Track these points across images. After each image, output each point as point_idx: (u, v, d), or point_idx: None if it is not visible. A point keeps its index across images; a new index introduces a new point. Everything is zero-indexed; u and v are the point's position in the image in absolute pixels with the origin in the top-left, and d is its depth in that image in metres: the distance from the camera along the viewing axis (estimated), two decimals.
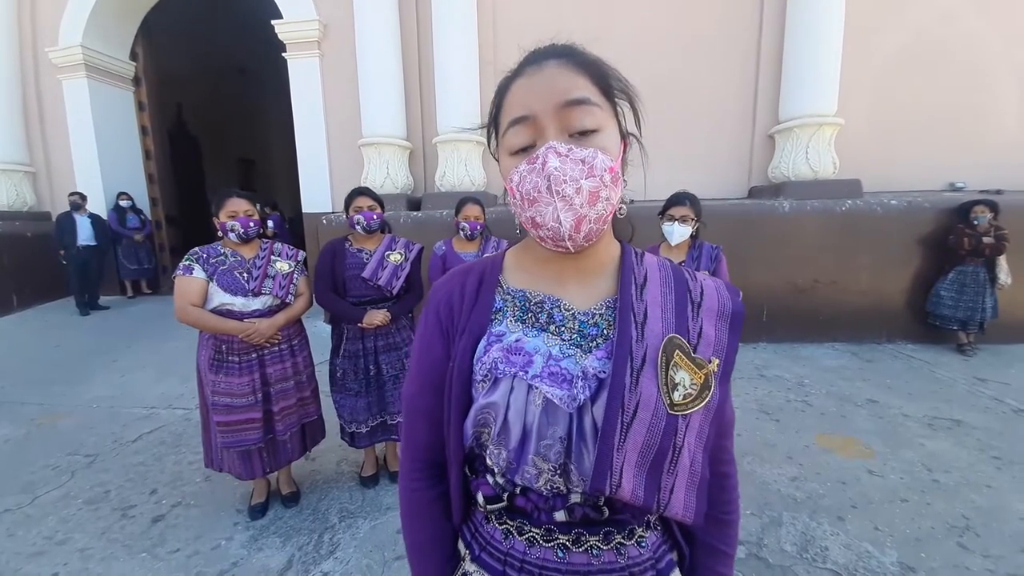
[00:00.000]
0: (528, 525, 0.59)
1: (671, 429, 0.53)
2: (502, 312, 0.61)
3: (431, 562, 0.66)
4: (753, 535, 1.90)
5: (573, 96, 0.52)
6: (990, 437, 2.64)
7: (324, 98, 5.55)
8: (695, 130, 4.99)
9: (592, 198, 0.52)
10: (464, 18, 4.89)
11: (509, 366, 0.56)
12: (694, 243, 2.25)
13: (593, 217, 0.53)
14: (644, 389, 0.53)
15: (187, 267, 1.89)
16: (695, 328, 0.58)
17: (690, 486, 0.56)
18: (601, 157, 0.52)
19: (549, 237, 0.54)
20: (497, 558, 0.61)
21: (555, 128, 0.53)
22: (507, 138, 0.56)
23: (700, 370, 0.56)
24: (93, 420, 3.09)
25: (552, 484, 0.56)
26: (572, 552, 0.58)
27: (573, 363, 0.56)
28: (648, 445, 0.53)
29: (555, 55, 0.55)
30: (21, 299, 6.04)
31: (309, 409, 2.18)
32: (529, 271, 0.64)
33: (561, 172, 0.50)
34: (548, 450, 0.55)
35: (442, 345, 0.62)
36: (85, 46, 6.03)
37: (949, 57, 4.75)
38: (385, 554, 1.85)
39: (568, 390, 0.54)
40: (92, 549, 1.91)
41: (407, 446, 0.67)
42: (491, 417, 0.57)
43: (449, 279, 0.66)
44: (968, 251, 3.91)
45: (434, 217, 4.57)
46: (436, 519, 0.66)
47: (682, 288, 0.61)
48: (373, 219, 2.18)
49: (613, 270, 0.62)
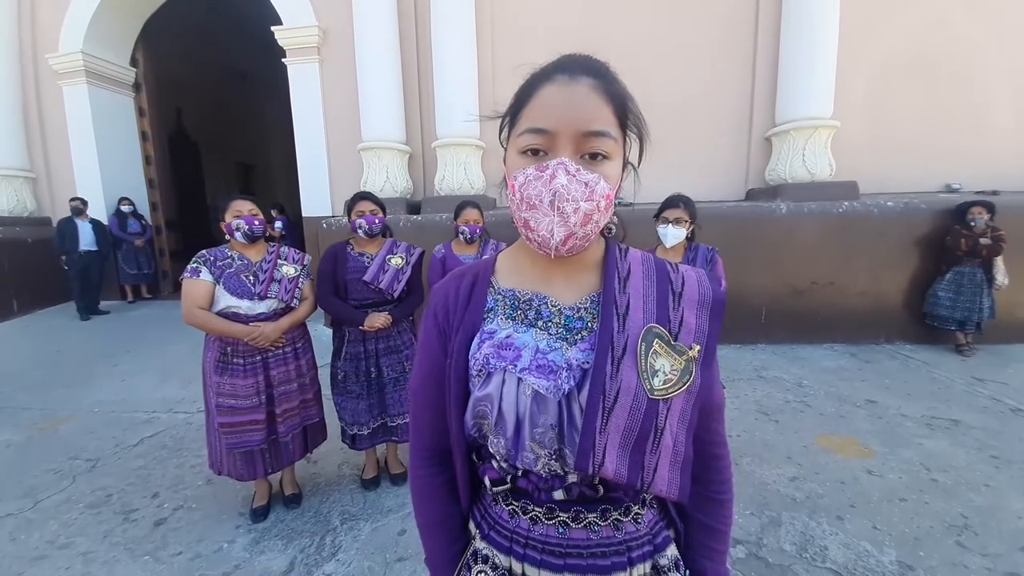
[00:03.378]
0: (531, 505, 0.64)
1: (652, 413, 0.57)
2: (494, 311, 0.66)
3: (439, 538, 0.71)
4: (752, 535, 1.92)
5: (594, 128, 0.55)
6: (988, 437, 2.65)
7: (324, 103, 5.58)
8: (692, 133, 5.02)
9: (585, 219, 0.56)
10: (463, 24, 4.92)
11: (500, 361, 0.60)
12: (690, 245, 2.26)
13: (580, 235, 0.57)
14: (624, 376, 0.57)
15: (194, 269, 1.90)
16: (676, 317, 0.61)
17: (673, 465, 0.59)
18: (603, 184, 0.56)
19: (537, 242, 0.58)
20: (504, 535, 0.65)
21: (571, 148, 0.56)
22: (521, 138, 0.58)
23: (680, 356, 0.59)
24: (94, 424, 3.10)
25: (549, 467, 0.61)
26: (572, 528, 0.62)
27: (559, 355, 0.60)
28: (630, 428, 0.57)
29: (591, 73, 0.57)
30: (22, 304, 6.04)
31: (311, 411, 2.19)
32: (519, 271, 0.68)
33: (566, 190, 0.54)
34: (542, 436, 0.59)
35: (439, 343, 0.66)
36: (85, 52, 6.07)
37: (944, 59, 4.79)
38: (387, 556, 1.86)
39: (554, 380, 0.58)
40: (94, 553, 1.92)
41: (415, 437, 0.72)
42: (487, 409, 0.61)
43: (447, 282, 0.70)
44: (965, 252, 3.93)
45: (433, 221, 4.58)
46: (443, 501, 0.71)
47: (664, 280, 0.64)
48: (375, 223, 2.20)
49: (598, 266, 0.66)
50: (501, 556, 0.65)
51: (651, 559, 0.64)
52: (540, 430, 0.59)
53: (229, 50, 9.67)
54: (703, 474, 0.66)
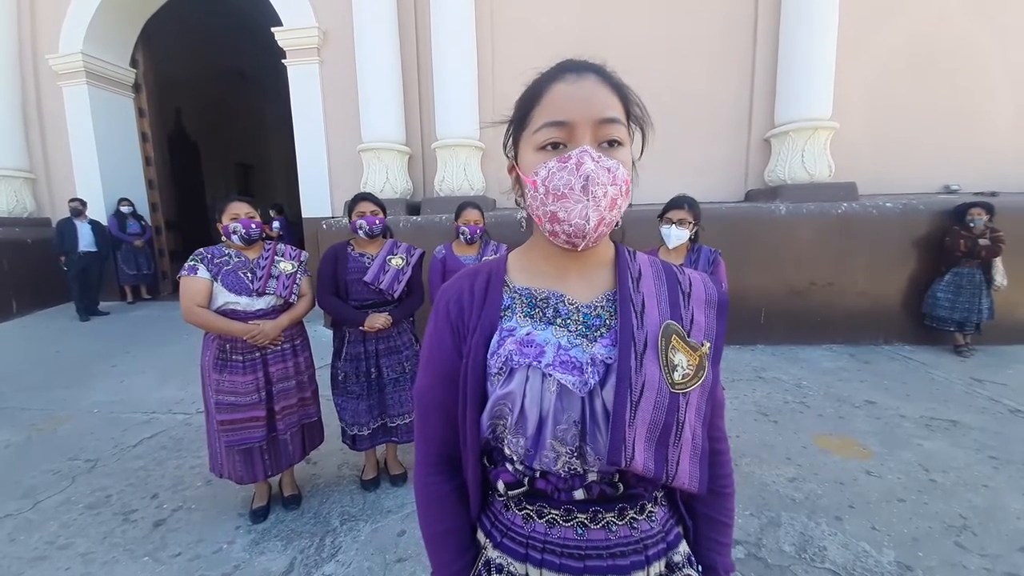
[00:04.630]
0: (547, 507, 0.63)
1: (674, 406, 0.59)
2: (511, 309, 0.65)
3: (448, 551, 0.68)
4: (752, 535, 1.92)
5: (609, 115, 0.58)
6: (987, 437, 2.65)
7: (324, 104, 5.59)
8: (692, 134, 5.03)
9: (612, 204, 0.57)
10: (462, 24, 4.93)
11: (523, 357, 0.60)
12: (692, 247, 2.26)
13: (608, 220, 0.58)
14: (648, 371, 0.58)
15: (192, 267, 1.90)
16: (687, 315, 0.64)
17: (693, 458, 0.61)
18: (622, 169, 0.58)
19: (568, 233, 0.58)
20: (519, 542, 0.64)
21: (590, 137, 0.58)
22: (538, 134, 0.59)
23: (695, 352, 0.61)
24: (93, 425, 3.09)
25: (570, 466, 0.60)
26: (590, 529, 0.62)
27: (581, 352, 0.60)
28: (655, 421, 0.58)
29: (593, 70, 0.60)
30: (21, 305, 6.04)
31: (309, 410, 2.19)
32: (532, 270, 0.68)
33: (596, 175, 0.55)
34: (565, 434, 0.59)
35: (452, 340, 0.65)
36: (85, 53, 6.07)
37: (943, 60, 4.80)
38: (387, 557, 1.86)
39: (579, 376, 0.59)
40: (94, 553, 1.91)
41: (422, 441, 0.70)
42: (507, 408, 0.61)
43: (457, 280, 0.69)
44: (964, 253, 3.93)
45: (433, 221, 4.59)
46: (454, 510, 0.68)
47: (672, 280, 0.66)
48: (376, 224, 2.20)
49: (610, 266, 0.67)
50: (517, 564, 0.63)
51: (665, 556, 0.65)
52: (563, 427, 0.59)
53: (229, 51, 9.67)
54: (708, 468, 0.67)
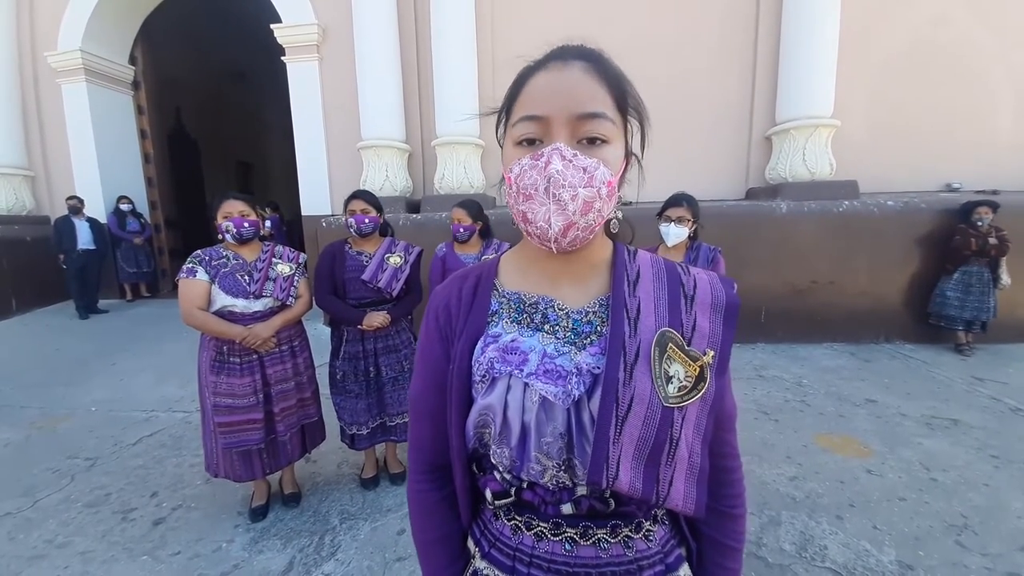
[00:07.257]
0: (536, 520, 0.60)
1: (667, 422, 0.54)
2: (498, 314, 0.63)
3: (440, 559, 0.67)
4: (752, 534, 1.91)
5: (589, 110, 0.53)
6: (988, 436, 2.65)
7: (323, 101, 5.57)
8: (693, 132, 5.02)
9: (586, 207, 0.52)
10: (462, 22, 4.91)
11: (505, 365, 0.57)
12: (692, 244, 2.26)
13: (582, 225, 0.54)
14: (638, 383, 0.54)
15: (190, 270, 1.90)
16: (689, 321, 0.58)
17: (689, 477, 0.56)
18: (602, 169, 0.53)
19: (536, 235, 0.55)
20: (507, 554, 0.61)
21: (566, 133, 0.53)
22: (516, 129, 0.56)
23: (695, 362, 0.56)
24: (93, 423, 3.09)
25: (557, 479, 0.57)
26: (580, 545, 0.59)
27: (568, 360, 0.57)
28: (644, 438, 0.53)
29: (583, 57, 0.55)
30: (20, 303, 6.03)
31: (309, 410, 2.19)
32: (524, 272, 0.65)
33: (561, 176, 0.51)
34: (550, 447, 0.56)
35: (441, 347, 0.63)
36: (84, 50, 6.05)
37: (944, 58, 4.78)
38: (386, 555, 1.86)
39: (563, 386, 0.55)
40: (93, 552, 1.91)
41: (414, 448, 0.68)
42: (490, 417, 0.58)
43: (447, 284, 0.67)
44: (975, 252, 3.92)
45: (433, 219, 4.58)
46: (444, 517, 0.67)
47: (675, 282, 0.61)
48: (364, 223, 2.17)
49: (606, 268, 0.63)
50: None
51: None
52: (548, 439, 0.56)
53: (228, 48, 9.64)
54: (714, 488, 0.62)
